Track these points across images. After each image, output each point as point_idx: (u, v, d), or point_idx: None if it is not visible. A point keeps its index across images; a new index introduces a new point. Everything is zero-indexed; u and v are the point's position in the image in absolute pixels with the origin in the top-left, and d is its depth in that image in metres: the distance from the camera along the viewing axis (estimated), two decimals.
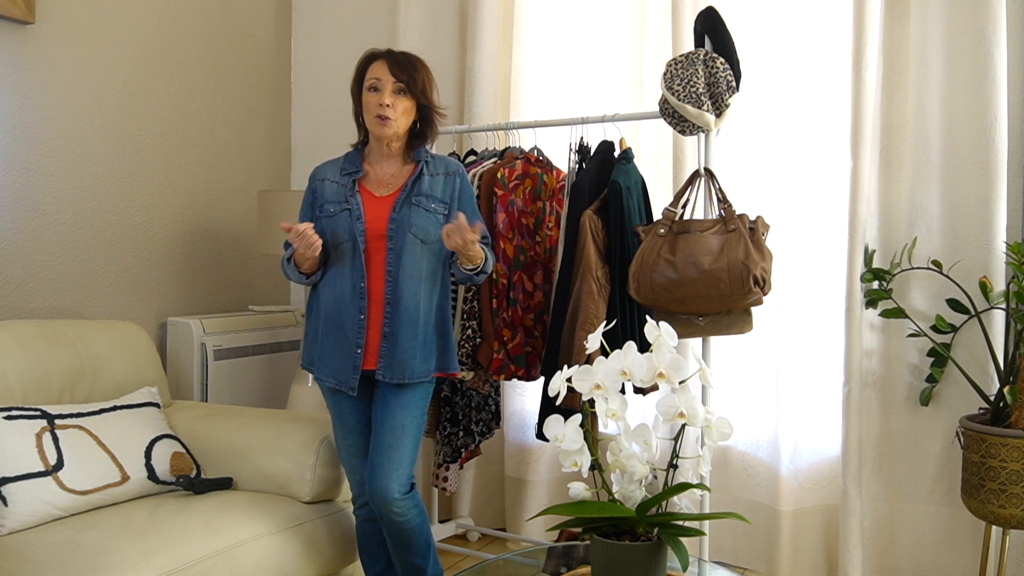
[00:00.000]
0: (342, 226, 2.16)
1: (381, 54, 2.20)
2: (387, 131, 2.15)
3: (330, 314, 2.18)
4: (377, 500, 2.15)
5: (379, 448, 2.15)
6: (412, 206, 2.16)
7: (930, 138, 2.64)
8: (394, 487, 2.13)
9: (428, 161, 2.23)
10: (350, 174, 2.22)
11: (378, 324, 2.15)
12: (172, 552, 1.86)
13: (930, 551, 2.68)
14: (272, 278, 3.64)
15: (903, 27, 2.67)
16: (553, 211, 2.82)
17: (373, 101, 2.15)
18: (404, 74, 2.15)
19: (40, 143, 2.67)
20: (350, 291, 2.15)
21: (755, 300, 2.29)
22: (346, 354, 2.16)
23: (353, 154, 2.28)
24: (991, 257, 2.54)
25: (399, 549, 2.22)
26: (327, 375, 2.19)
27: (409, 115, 2.19)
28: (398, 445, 2.15)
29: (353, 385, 2.15)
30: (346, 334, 2.15)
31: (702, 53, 2.40)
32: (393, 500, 2.13)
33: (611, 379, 1.46)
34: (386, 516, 2.16)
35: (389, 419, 2.15)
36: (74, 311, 2.77)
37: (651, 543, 1.42)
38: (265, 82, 3.59)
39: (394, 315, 2.14)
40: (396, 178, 2.22)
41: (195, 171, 3.23)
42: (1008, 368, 2.43)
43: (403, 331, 2.14)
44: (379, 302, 2.14)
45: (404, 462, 2.15)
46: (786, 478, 2.86)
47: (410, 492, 2.17)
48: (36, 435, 2.05)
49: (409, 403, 2.17)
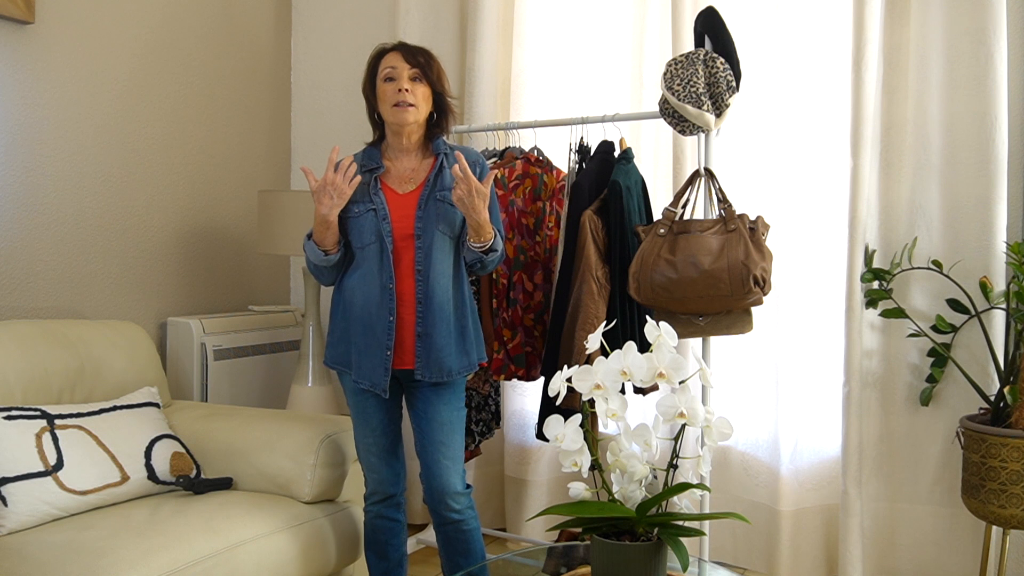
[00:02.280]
0: (368, 227, 2.12)
1: (393, 46, 2.18)
2: (408, 117, 2.11)
3: (361, 316, 2.14)
4: (437, 497, 2.15)
5: (432, 446, 2.15)
6: (437, 202, 2.13)
7: (930, 138, 2.64)
8: (456, 481, 2.15)
9: (447, 153, 2.19)
10: (371, 170, 2.17)
11: (411, 324, 2.11)
12: (172, 552, 1.86)
13: (930, 551, 2.68)
14: (272, 278, 3.64)
15: (903, 27, 2.67)
16: (553, 211, 2.82)
17: (391, 89, 2.12)
18: (419, 60, 2.13)
19: (40, 143, 2.67)
20: (379, 293, 2.11)
21: (755, 300, 2.29)
22: (377, 357, 2.12)
23: (370, 150, 2.23)
24: (991, 257, 2.54)
25: (455, 557, 2.21)
26: (362, 377, 2.15)
27: (427, 102, 2.15)
28: (450, 441, 2.15)
29: (385, 387, 2.12)
30: (376, 337, 2.11)
31: (702, 53, 2.40)
32: (455, 494, 2.14)
33: (611, 379, 1.46)
34: (444, 515, 2.16)
35: (436, 416, 2.15)
36: (74, 311, 2.77)
37: (651, 543, 1.42)
38: (265, 82, 3.59)
39: (427, 314, 2.11)
40: (417, 173, 2.18)
41: (195, 171, 3.23)
42: (1008, 368, 2.42)
43: (437, 330, 2.11)
44: (410, 302, 2.11)
45: (459, 456, 2.17)
46: (786, 478, 2.86)
47: (468, 489, 2.19)
48: (36, 435, 2.05)
49: (451, 398, 2.17)
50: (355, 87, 3.60)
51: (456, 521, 2.17)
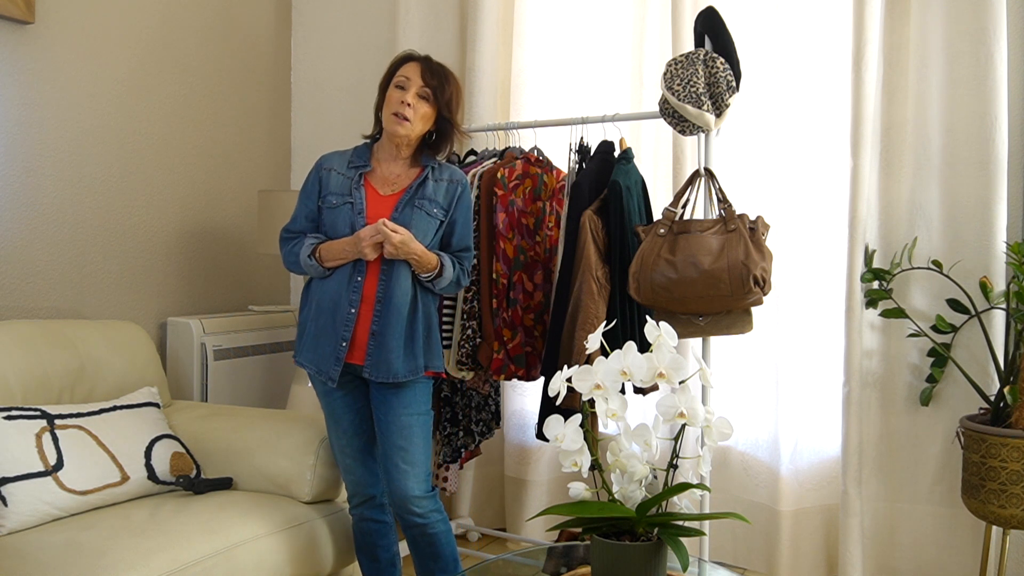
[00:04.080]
0: (343, 219, 2.16)
1: (418, 57, 2.21)
2: (400, 131, 2.14)
3: (323, 304, 2.17)
4: (398, 501, 2.14)
5: (390, 450, 2.15)
6: (415, 208, 2.16)
7: (930, 138, 2.64)
8: (412, 484, 2.13)
9: (434, 167, 2.23)
10: (357, 168, 2.22)
11: (367, 321, 2.14)
12: (172, 552, 1.86)
13: (930, 551, 2.68)
14: (272, 278, 3.64)
15: (903, 27, 2.67)
16: (553, 211, 2.82)
17: (396, 98, 2.15)
18: (434, 80, 2.16)
19: (40, 143, 2.67)
20: (346, 284, 2.14)
21: (755, 300, 2.29)
22: (330, 345, 2.14)
23: (362, 148, 2.27)
24: (991, 257, 2.54)
25: (425, 561, 2.21)
26: (309, 360, 2.18)
27: (427, 122, 2.18)
28: (408, 445, 2.15)
29: (334, 376, 2.14)
30: (335, 326, 2.14)
31: (702, 53, 2.40)
32: (413, 498, 2.12)
33: (611, 379, 1.46)
34: (408, 519, 2.15)
35: (394, 420, 2.15)
36: (74, 311, 2.77)
37: (651, 543, 1.42)
38: (265, 82, 3.58)
39: (383, 313, 2.13)
40: (401, 179, 2.22)
41: (195, 171, 3.23)
42: (1008, 368, 2.42)
43: (391, 330, 2.13)
44: (370, 299, 2.14)
45: (419, 460, 2.15)
46: (786, 478, 2.86)
47: (432, 493, 2.17)
48: (36, 435, 2.05)
49: (411, 402, 2.17)
50: (355, 87, 3.63)
51: (420, 525, 2.16)
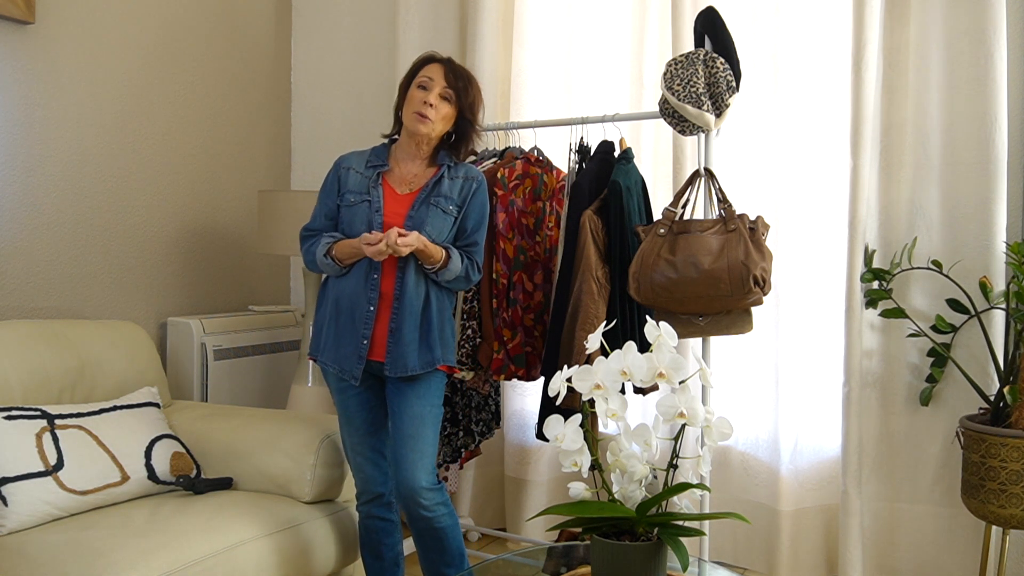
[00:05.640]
0: (360, 217, 2.18)
1: (441, 59, 2.24)
2: (422, 128, 2.16)
3: (341, 303, 2.19)
4: (405, 492, 2.14)
5: (401, 439, 2.16)
6: (430, 206, 2.18)
7: (930, 138, 2.64)
8: (421, 476, 2.13)
9: (451, 166, 2.25)
10: (375, 167, 2.24)
11: (386, 318, 2.16)
12: (172, 552, 1.86)
13: (930, 551, 2.68)
14: (272, 278, 3.64)
15: (903, 27, 2.67)
16: (553, 211, 2.82)
17: (418, 97, 2.17)
18: (458, 82, 2.19)
19: (40, 143, 2.67)
20: (363, 282, 2.16)
21: (755, 300, 2.29)
22: (352, 344, 2.17)
23: (380, 148, 2.30)
24: (991, 257, 2.54)
25: (430, 554, 2.21)
26: (331, 360, 2.20)
27: (447, 122, 2.21)
28: (420, 434, 2.15)
29: (357, 375, 2.16)
30: (355, 324, 2.16)
31: (702, 53, 2.40)
32: (421, 490, 2.13)
33: (611, 379, 1.46)
34: (414, 511, 2.15)
35: (408, 409, 2.16)
36: (74, 311, 2.77)
37: (651, 543, 1.42)
38: (265, 82, 3.58)
39: (400, 310, 2.15)
40: (418, 178, 2.24)
41: (195, 171, 3.23)
42: (1008, 368, 2.43)
43: (406, 325, 2.15)
44: (388, 296, 2.16)
45: (428, 451, 2.16)
46: (786, 478, 2.86)
47: (438, 485, 2.17)
48: (36, 435, 2.05)
49: (425, 392, 2.18)
50: (355, 87, 3.63)
51: (427, 518, 2.16)
